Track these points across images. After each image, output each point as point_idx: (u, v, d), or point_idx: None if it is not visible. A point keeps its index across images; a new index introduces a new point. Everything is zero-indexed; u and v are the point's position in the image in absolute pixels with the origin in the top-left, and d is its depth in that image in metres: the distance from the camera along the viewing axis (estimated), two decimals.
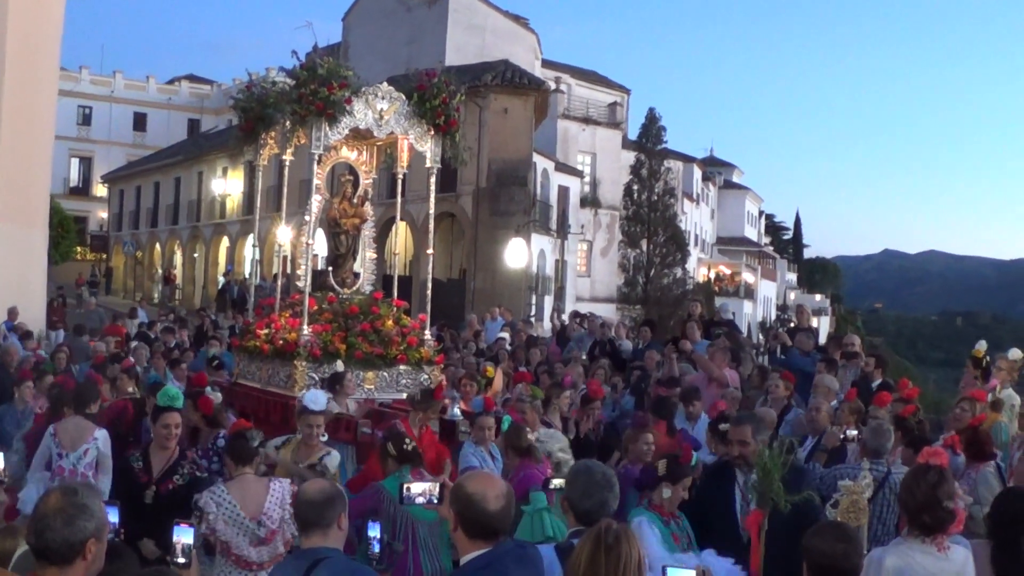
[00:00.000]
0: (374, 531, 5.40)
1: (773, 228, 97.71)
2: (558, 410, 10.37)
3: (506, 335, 18.45)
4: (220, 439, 8.34)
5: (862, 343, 14.83)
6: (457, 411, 10.02)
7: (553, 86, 46.58)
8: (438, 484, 5.06)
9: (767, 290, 74.92)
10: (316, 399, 8.01)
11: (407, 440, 7.30)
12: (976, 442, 7.77)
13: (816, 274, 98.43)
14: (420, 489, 5.18)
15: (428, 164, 11.91)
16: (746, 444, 6.87)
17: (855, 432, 8.44)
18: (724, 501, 6.79)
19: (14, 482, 8.33)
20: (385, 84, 11.70)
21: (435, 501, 4.93)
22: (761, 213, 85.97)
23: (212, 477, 7.60)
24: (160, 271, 54.15)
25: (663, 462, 6.39)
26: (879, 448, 7.42)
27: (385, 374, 11.26)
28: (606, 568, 3.69)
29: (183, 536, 4.73)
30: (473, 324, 19.82)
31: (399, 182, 12.96)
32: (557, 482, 5.86)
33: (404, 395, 10.81)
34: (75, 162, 66.54)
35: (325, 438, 8.06)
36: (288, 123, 11.23)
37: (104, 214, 64.23)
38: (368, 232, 12.57)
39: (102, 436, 8.35)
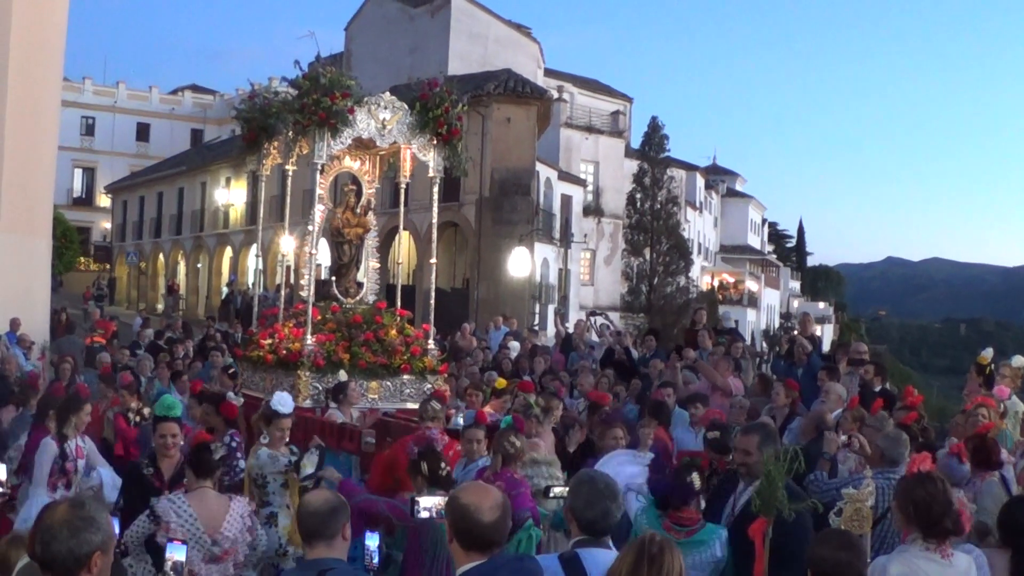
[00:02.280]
0: (372, 541, 5.37)
1: (776, 236, 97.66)
2: (553, 420, 10.31)
3: (516, 344, 18.44)
4: (234, 439, 8.40)
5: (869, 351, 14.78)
6: (461, 421, 10.01)
7: (556, 95, 46.61)
8: (447, 499, 5.01)
9: (770, 298, 74.84)
10: (284, 402, 7.97)
11: (444, 464, 6.98)
12: (983, 450, 7.69)
13: (819, 282, 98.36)
14: (429, 503, 5.16)
15: (431, 174, 11.91)
16: (749, 454, 6.45)
17: (844, 437, 8.42)
18: (712, 511, 6.53)
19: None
20: (387, 94, 11.72)
21: (444, 515, 4.89)
22: (764, 221, 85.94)
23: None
24: (164, 281, 54.17)
25: (696, 475, 6.20)
26: (897, 457, 7.26)
27: (389, 384, 11.26)
28: None
29: (176, 553, 4.76)
30: (465, 332, 19.76)
31: (402, 192, 12.97)
32: (558, 490, 5.83)
33: (408, 405, 10.81)
34: (78, 172, 66.64)
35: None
36: (291, 133, 11.25)
37: (107, 224, 64.25)
38: (371, 242, 12.58)
39: (87, 444, 8.51)
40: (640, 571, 3.70)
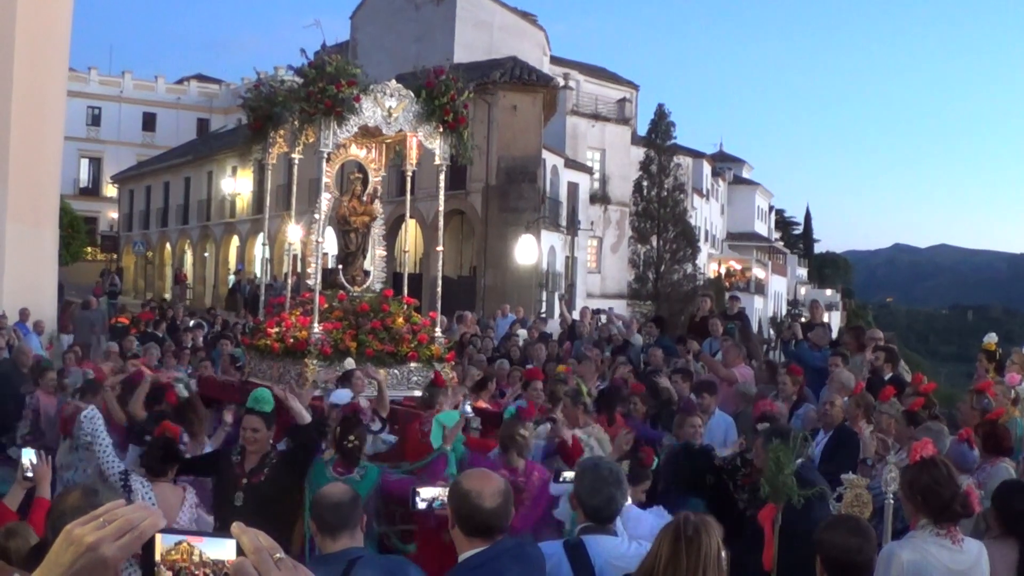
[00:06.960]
0: None
1: (783, 223, 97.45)
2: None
3: (524, 332, 18.42)
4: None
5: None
6: (468, 408, 9.99)
7: (562, 82, 46.49)
8: (447, 488, 4.99)
9: (777, 285, 74.79)
10: (341, 397, 8.03)
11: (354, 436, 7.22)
12: (994, 436, 7.63)
13: (826, 269, 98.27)
14: (428, 494, 5.15)
15: (437, 161, 11.89)
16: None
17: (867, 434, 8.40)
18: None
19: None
20: (393, 82, 11.67)
21: (445, 504, 4.87)
22: (771, 208, 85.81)
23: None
24: (171, 271, 54.24)
25: (626, 463, 6.33)
26: (941, 448, 7.14)
27: (396, 372, 11.24)
28: (687, 560, 3.65)
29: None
30: (469, 321, 19.70)
31: (408, 180, 12.96)
32: (568, 475, 5.81)
33: (416, 392, 10.79)
34: (85, 163, 66.73)
35: None
36: (297, 122, 11.21)
37: (114, 214, 64.37)
38: (378, 230, 12.56)
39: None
40: (680, 555, 3.65)
